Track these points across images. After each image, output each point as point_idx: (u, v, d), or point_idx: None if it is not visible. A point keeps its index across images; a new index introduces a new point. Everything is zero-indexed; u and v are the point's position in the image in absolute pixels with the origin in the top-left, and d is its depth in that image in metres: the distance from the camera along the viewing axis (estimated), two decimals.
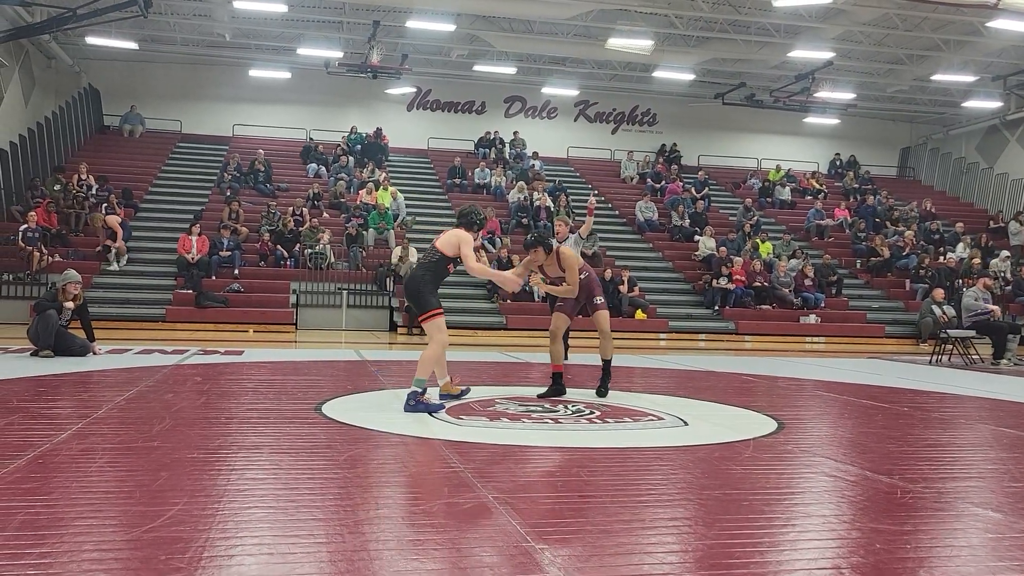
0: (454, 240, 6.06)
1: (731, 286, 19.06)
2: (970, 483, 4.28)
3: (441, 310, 6.04)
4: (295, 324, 16.61)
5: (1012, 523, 3.43)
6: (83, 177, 19.67)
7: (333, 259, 18.23)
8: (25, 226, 16.85)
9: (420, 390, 5.92)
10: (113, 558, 2.69)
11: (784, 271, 19.62)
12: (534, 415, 6.01)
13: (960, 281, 19.92)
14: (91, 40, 22.49)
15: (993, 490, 4.15)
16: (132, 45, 23.13)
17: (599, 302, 6.93)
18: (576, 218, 21.90)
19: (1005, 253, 21.53)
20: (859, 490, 4.01)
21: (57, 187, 19.06)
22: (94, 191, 19.56)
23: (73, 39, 22.68)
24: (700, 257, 20.80)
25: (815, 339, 18.15)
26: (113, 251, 17.44)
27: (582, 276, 6.79)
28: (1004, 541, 3.19)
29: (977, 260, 20.87)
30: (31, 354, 9.24)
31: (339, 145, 24.30)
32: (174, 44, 24.23)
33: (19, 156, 20.09)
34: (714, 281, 19.21)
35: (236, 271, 17.56)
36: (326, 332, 16.24)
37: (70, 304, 9.50)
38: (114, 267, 17.30)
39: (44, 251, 16.61)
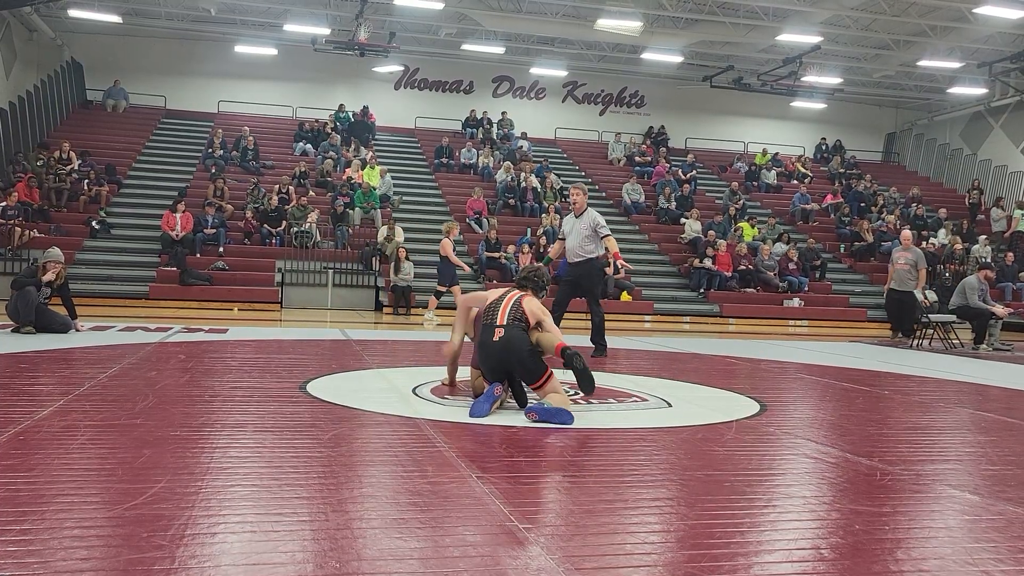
0: (537, 311, 5.43)
1: (714, 267, 19.15)
2: (948, 466, 4.33)
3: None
4: (280, 303, 16.56)
5: (989, 505, 3.48)
6: (65, 156, 19.46)
7: (319, 238, 18.15)
8: (4, 204, 16.65)
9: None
10: (95, 535, 2.68)
11: (769, 255, 19.72)
12: None
13: (942, 266, 20.07)
14: (73, 13, 22.18)
15: (971, 472, 4.20)
16: (115, 18, 22.83)
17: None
18: (565, 200, 21.88)
19: (983, 237, 21.62)
20: (839, 472, 4.05)
21: (39, 162, 18.85)
22: (76, 167, 19.37)
23: (55, 11, 22.35)
24: (686, 240, 20.85)
25: (798, 322, 18.29)
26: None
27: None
28: (980, 523, 3.23)
29: (959, 246, 20.99)
30: (12, 331, 9.16)
31: (326, 123, 24.13)
32: (158, 18, 23.93)
33: None
34: (695, 261, 19.30)
35: (221, 249, 17.47)
36: (311, 311, 16.19)
37: (50, 276, 9.37)
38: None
39: (26, 225, 16.44)
